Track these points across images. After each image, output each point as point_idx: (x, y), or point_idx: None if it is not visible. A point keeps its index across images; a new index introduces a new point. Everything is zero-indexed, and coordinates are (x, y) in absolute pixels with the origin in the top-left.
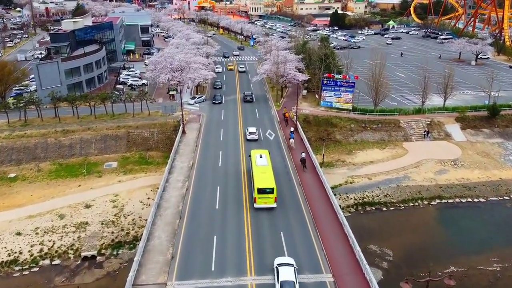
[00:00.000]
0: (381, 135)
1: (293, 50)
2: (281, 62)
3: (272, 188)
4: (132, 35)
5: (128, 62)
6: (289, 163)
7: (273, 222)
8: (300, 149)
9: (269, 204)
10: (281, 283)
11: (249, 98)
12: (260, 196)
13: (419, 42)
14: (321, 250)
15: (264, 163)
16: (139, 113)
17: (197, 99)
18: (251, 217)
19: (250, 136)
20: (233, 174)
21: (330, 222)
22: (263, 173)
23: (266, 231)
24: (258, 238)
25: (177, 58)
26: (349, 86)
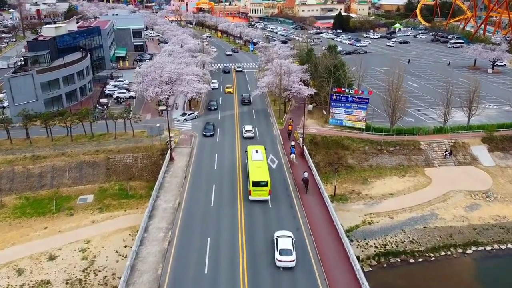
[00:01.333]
0: (400, 159)
1: (297, 58)
2: (284, 73)
3: (266, 181)
4: (124, 40)
5: (117, 70)
6: (298, 212)
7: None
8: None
9: (263, 197)
10: (280, 250)
11: (247, 101)
12: (254, 188)
13: (428, 47)
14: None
15: (260, 158)
16: (122, 134)
17: (188, 116)
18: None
19: (246, 134)
20: (228, 219)
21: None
22: (258, 167)
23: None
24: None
25: (168, 69)
26: (362, 102)
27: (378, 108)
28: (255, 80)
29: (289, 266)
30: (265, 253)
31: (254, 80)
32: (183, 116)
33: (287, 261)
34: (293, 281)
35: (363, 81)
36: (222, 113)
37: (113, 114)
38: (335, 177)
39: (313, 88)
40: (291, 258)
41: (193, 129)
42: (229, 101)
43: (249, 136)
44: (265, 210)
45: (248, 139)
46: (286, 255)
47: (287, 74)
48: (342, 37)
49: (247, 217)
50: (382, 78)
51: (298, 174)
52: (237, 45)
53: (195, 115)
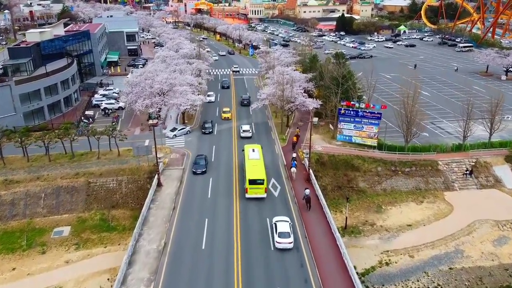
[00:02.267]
0: (416, 182)
1: (300, 65)
2: (286, 83)
3: (262, 179)
4: (117, 44)
5: (108, 77)
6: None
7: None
8: (317, 215)
9: (260, 194)
10: (279, 233)
11: (246, 102)
12: (251, 186)
13: (436, 51)
14: None
15: (256, 157)
16: (106, 153)
17: (178, 132)
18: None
19: (244, 134)
20: (222, 266)
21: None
22: (254, 166)
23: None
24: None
25: (159, 79)
26: (374, 117)
27: (389, 120)
28: (255, 88)
29: (287, 248)
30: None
31: (254, 88)
32: (173, 131)
33: (286, 243)
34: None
35: (374, 91)
36: (218, 126)
37: (95, 131)
38: (346, 207)
39: (318, 101)
40: (289, 240)
41: (186, 146)
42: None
43: (246, 136)
44: (268, 260)
45: (245, 137)
46: (285, 238)
47: (290, 83)
48: (345, 40)
49: (245, 270)
50: (391, 85)
51: (300, 191)
52: (236, 48)
53: (186, 130)
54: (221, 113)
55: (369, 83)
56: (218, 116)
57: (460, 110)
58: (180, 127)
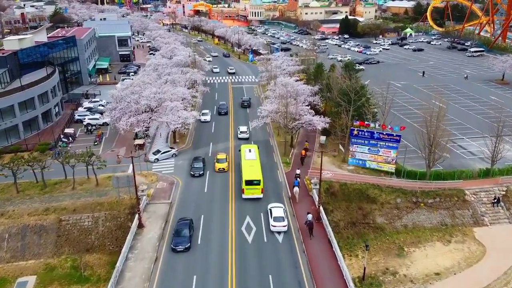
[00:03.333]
0: (441, 215)
1: (304, 74)
2: (290, 96)
3: (259, 180)
4: (108, 49)
5: (95, 86)
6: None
7: None
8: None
9: (256, 195)
10: (274, 218)
11: (246, 104)
12: (247, 187)
13: (446, 56)
14: None
15: (253, 157)
16: (83, 181)
17: (161, 155)
18: None
19: (241, 135)
20: None
21: None
22: (251, 166)
23: None
24: None
25: (146, 94)
26: (392, 140)
27: (404, 137)
28: (255, 98)
29: (282, 230)
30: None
31: (254, 98)
32: (156, 154)
33: (280, 226)
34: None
35: (389, 106)
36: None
37: (70, 156)
38: (365, 256)
39: (326, 118)
40: (284, 224)
41: (175, 171)
42: (222, 129)
43: (243, 137)
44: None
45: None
46: (279, 221)
47: (294, 96)
48: (349, 43)
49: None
50: (402, 96)
51: (302, 216)
52: (235, 53)
53: (171, 153)
54: (215, 161)
55: (384, 98)
56: (212, 146)
57: (481, 125)
58: (164, 149)
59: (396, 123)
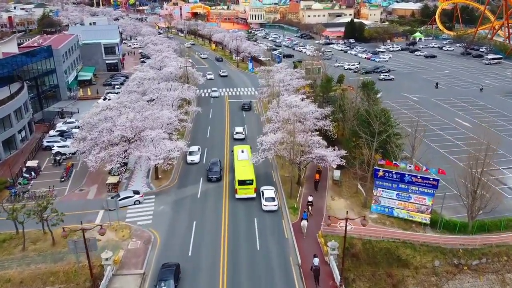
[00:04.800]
0: (489, 283)
1: (311, 90)
2: (296, 120)
3: (251, 179)
4: (93, 58)
5: (75, 102)
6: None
7: None
8: None
9: (249, 195)
10: (265, 198)
11: (247, 107)
12: (240, 187)
13: (461, 63)
14: None
15: (245, 157)
16: (38, 238)
17: (123, 201)
18: None
19: (237, 136)
20: None
21: None
22: (244, 166)
23: None
24: None
25: (121, 122)
26: (428, 185)
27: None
28: (255, 116)
29: (272, 210)
30: None
31: (253, 116)
32: (114, 198)
33: (271, 206)
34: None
35: (420, 138)
36: (204, 186)
37: (16, 212)
38: None
39: (341, 151)
40: (274, 203)
41: (155, 222)
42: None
43: (239, 138)
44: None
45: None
46: (270, 202)
47: (300, 119)
48: (356, 49)
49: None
50: (421, 113)
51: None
52: (233, 61)
53: (133, 199)
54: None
55: (414, 128)
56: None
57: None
58: (127, 193)
59: (432, 163)
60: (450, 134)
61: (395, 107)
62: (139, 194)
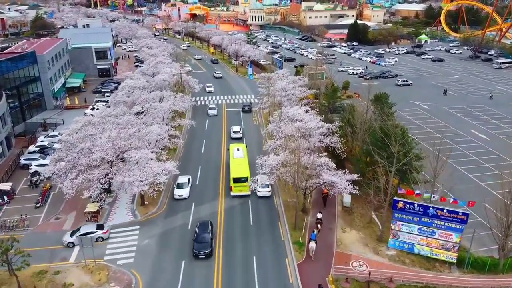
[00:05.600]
0: None
1: (316, 101)
2: (301, 135)
3: (246, 177)
4: (84, 63)
5: (61, 112)
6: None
7: None
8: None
9: (244, 192)
10: (260, 185)
11: (247, 108)
12: (235, 185)
13: (470, 67)
14: None
15: (241, 156)
16: (2, 281)
17: (80, 238)
18: None
19: (234, 135)
20: None
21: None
22: (239, 164)
23: None
24: None
25: (102, 141)
26: (456, 220)
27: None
28: (254, 127)
29: (266, 195)
30: None
31: (253, 128)
32: (73, 235)
33: (265, 192)
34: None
35: (445, 160)
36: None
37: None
38: None
39: (353, 174)
40: (268, 190)
41: (137, 260)
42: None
43: (236, 137)
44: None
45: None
46: (264, 188)
47: (304, 135)
48: (360, 52)
49: None
50: (433, 122)
51: None
52: (232, 66)
53: (97, 236)
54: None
55: (437, 147)
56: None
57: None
58: (88, 228)
59: (448, 183)
60: (466, 148)
61: (405, 117)
62: (103, 229)
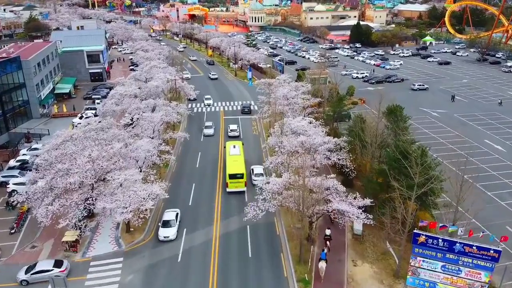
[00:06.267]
0: None
1: (319, 112)
2: (306, 150)
3: (242, 173)
4: (75, 67)
5: (48, 120)
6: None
7: None
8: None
9: (240, 188)
10: (255, 174)
11: (247, 110)
12: (231, 181)
13: (478, 71)
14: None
15: (237, 153)
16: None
17: (31, 276)
18: None
19: (231, 133)
20: None
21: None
22: (235, 161)
23: None
24: None
25: (82, 161)
26: (486, 258)
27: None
28: (252, 136)
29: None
30: None
31: (251, 137)
32: (27, 272)
33: (260, 180)
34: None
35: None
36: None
37: None
38: None
39: (367, 199)
40: (262, 178)
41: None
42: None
43: (233, 135)
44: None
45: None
46: (259, 177)
47: (309, 149)
48: (364, 54)
49: None
50: (445, 133)
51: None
52: (230, 69)
53: (54, 274)
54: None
55: (461, 167)
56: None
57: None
58: (44, 265)
59: (468, 201)
60: (482, 161)
61: (414, 125)
62: (60, 267)
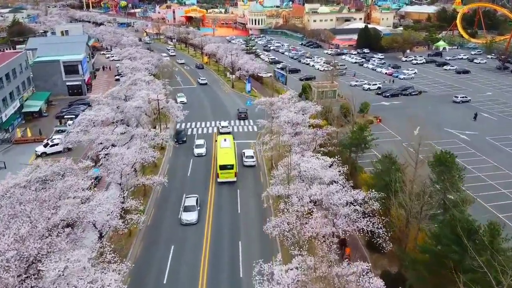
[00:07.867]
0: None
1: (336, 147)
2: (326, 213)
3: (232, 164)
4: (51, 79)
5: (9, 147)
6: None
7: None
8: None
9: (230, 178)
10: (246, 156)
11: (243, 115)
12: (222, 172)
13: (500, 80)
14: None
15: (227, 145)
16: None
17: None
18: None
19: (223, 130)
20: None
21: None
22: (226, 153)
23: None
24: None
25: (1, 246)
26: None
27: None
28: (253, 180)
29: (251, 165)
30: None
31: (253, 188)
32: None
33: (250, 161)
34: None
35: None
36: None
37: None
38: None
39: None
40: (253, 159)
41: None
42: None
43: (225, 131)
44: None
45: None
46: (249, 159)
47: (329, 208)
48: (373, 62)
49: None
50: (483, 165)
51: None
52: (227, 79)
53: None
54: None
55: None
56: None
57: None
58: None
59: None
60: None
61: None
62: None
